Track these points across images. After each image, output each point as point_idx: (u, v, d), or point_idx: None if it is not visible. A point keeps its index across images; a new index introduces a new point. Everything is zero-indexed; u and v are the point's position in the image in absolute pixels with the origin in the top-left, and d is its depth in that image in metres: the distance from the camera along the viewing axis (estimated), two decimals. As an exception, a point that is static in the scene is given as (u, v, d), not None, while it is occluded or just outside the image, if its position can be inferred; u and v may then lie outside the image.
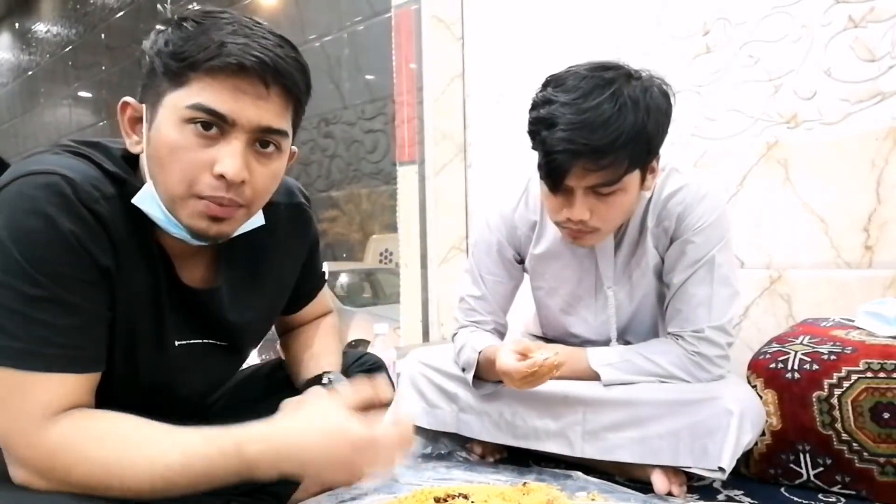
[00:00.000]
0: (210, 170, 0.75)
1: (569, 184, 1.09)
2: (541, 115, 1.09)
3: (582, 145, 1.04)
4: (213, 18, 0.76)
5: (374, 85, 4.66)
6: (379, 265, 6.82)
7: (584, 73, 1.09)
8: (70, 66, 9.40)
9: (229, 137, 0.75)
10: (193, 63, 0.73)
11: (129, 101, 0.79)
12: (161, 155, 0.75)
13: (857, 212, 1.55)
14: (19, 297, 0.69)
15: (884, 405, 1.13)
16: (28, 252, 0.69)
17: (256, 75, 0.74)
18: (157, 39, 0.76)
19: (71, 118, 9.66)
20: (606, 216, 1.13)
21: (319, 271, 1.15)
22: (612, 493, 1.16)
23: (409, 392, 1.39)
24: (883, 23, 1.51)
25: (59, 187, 0.71)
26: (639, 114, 1.05)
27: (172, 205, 0.77)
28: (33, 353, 0.69)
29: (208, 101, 0.73)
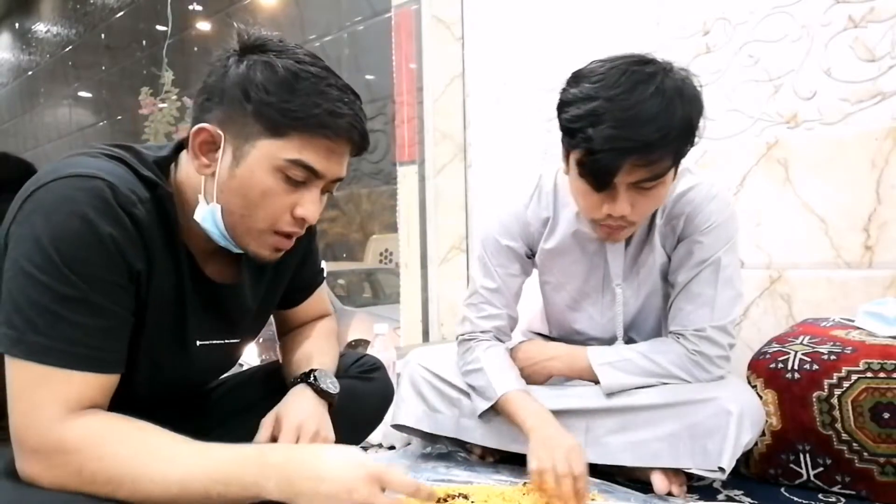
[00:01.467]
0: (291, 211, 0.83)
1: (615, 181, 1.06)
2: (582, 111, 1.04)
3: (634, 142, 1.01)
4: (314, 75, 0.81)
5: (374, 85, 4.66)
6: (379, 265, 6.82)
7: (622, 66, 1.05)
8: (70, 66, 9.39)
9: (311, 186, 0.83)
10: (301, 123, 0.79)
11: (208, 129, 0.82)
12: (250, 195, 0.81)
13: (857, 212, 1.55)
14: (52, 295, 0.70)
15: (884, 405, 1.13)
16: (65, 252, 0.71)
17: (353, 144, 0.84)
18: (252, 77, 0.79)
19: (71, 118, 9.66)
20: (645, 210, 1.12)
21: (317, 265, 1.16)
22: (613, 494, 1.16)
23: (409, 395, 1.39)
24: (883, 23, 1.51)
25: (100, 191, 0.73)
26: (685, 106, 1.04)
27: (245, 234, 0.84)
28: (59, 350, 0.71)
29: (309, 160, 0.81)
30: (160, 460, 0.72)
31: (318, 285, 1.17)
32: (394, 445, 1.50)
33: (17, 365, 0.71)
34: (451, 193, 2.44)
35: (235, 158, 0.81)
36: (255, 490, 0.73)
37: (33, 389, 0.71)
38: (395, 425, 1.38)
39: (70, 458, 0.70)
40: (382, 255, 6.94)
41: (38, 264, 0.71)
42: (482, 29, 2.35)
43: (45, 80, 10.22)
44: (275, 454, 0.76)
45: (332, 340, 1.16)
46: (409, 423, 1.37)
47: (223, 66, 0.82)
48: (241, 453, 0.75)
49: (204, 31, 6.89)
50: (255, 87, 0.79)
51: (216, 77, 0.83)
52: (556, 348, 1.35)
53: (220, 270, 0.92)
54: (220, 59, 0.84)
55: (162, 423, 0.76)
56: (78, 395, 0.72)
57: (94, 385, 0.74)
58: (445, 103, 2.44)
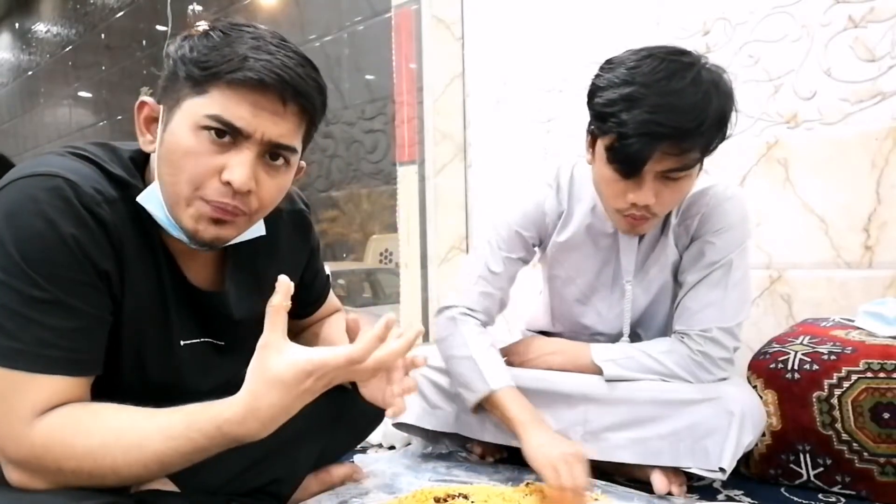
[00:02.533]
0: (218, 175, 0.77)
1: (645, 167, 1.05)
2: (617, 95, 1.04)
3: (669, 128, 1.01)
4: (240, 31, 0.78)
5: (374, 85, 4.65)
6: (379, 265, 6.81)
7: (661, 55, 1.05)
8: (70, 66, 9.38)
9: (241, 147, 0.77)
10: (216, 73, 0.75)
11: (147, 101, 0.80)
12: (173, 158, 0.77)
13: (857, 212, 1.55)
14: (20, 297, 0.69)
15: (884, 405, 1.13)
16: (29, 254, 0.70)
17: (275, 92, 0.76)
18: (183, 45, 0.78)
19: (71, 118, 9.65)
20: (669, 201, 1.12)
21: (323, 275, 1.17)
22: (614, 493, 1.16)
23: (409, 392, 1.39)
24: (883, 23, 1.51)
25: (61, 190, 0.71)
26: (721, 98, 1.04)
27: (176, 206, 0.78)
28: (31, 353, 0.70)
29: (227, 114, 0.75)
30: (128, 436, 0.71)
31: (328, 293, 1.19)
32: (394, 445, 1.50)
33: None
34: (451, 193, 2.44)
35: (164, 123, 0.79)
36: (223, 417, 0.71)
37: (4, 397, 0.70)
38: (396, 424, 1.38)
39: (45, 462, 0.70)
40: (382, 255, 6.94)
41: (2, 266, 0.69)
42: (482, 29, 2.35)
43: (45, 80, 10.20)
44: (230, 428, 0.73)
45: (343, 330, 1.16)
46: (409, 421, 1.37)
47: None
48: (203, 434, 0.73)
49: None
50: (183, 51, 0.77)
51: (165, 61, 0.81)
52: (557, 344, 1.35)
53: (203, 275, 0.89)
54: None
55: None
56: (49, 398, 0.71)
57: (68, 387, 0.73)
58: (445, 103, 2.44)
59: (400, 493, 1.14)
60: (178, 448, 0.71)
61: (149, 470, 0.72)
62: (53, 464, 0.70)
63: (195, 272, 0.88)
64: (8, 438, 0.70)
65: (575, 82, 2.04)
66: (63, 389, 0.72)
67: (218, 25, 0.79)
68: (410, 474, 1.27)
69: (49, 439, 0.70)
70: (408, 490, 1.15)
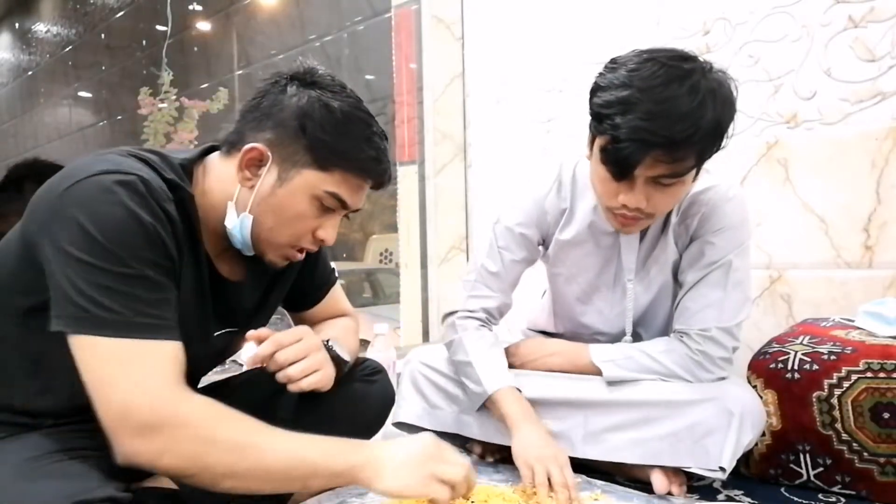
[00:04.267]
0: (314, 232, 0.93)
1: (636, 173, 1.05)
2: (614, 97, 1.04)
3: (660, 136, 1.00)
4: (362, 120, 0.91)
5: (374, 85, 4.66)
6: (379, 265, 6.81)
7: (662, 60, 1.04)
8: (70, 66, 9.38)
9: (335, 213, 0.93)
10: (348, 164, 0.89)
11: (259, 148, 0.89)
12: (284, 214, 0.90)
13: (857, 212, 1.55)
14: (108, 275, 0.73)
15: (884, 405, 1.13)
16: (112, 237, 0.74)
17: (379, 186, 0.95)
18: (308, 110, 0.88)
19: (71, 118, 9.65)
20: (661, 205, 1.11)
21: (326, 267, 1.18)
22: (614, 493, 1.16)
23: (409, 392, 1.39)
24: (883, 23, 1.51)
25: (136, 186, 0.77)
26: (717, 108, 1.03)
27: (265, 244, 0.92)
28: (129, 323, 0.73)
29: (344, 195, 0.91)
30: (277, 433, 0.76)
31: (331, 285, 1.20)
32: (394, 445, 1.49)
33: (95, 343, 0.72)
34: (451, 193, 2.44)
35: (280, 179, 0.89)
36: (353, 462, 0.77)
37: (130, 364, 0.73)
38: (396, 423, 1.38)
39: (195, 431, 0.73)
40: (382, 255, 6.94)
41: (86, 249, 0.73)
42: (482, 29, 2.35)
43: (45, 80, 10.21)
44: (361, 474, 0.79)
45: (349, 332, 1.17)
46: (409, 421, 1.37)
47: (280, 91, 0.90)
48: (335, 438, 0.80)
49: (204, 31, 6.89)
50: (313, 122, 0.88)
51: (271, 101, 0.90)
52: (557, 345, 1.35)
53: (229, 268, 0.97)
54: (274, 84, 0.91)
55: None
56: (171, 361, 0.75)
57: (174, 352, 0.77)
58: (445, 103, 2.44)
59: (400, 493, 1.14)
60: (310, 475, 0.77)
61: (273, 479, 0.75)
62: (200, 434, 0.73)
63: (222, 265, 0.96)
64: (143, 404, 0.72)
65: (575, 82, 2.04)
66: (173, 355, 0.76)
67: (335, 104, 0.89)
68: (410, 474, 1.26)
69: (205, 412, 0.74)
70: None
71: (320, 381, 0.96)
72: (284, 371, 0.93)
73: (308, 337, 0.97)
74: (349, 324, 1.20)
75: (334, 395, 1.10)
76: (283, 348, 0.93)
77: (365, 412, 1.16)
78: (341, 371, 1.04)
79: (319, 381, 0.96)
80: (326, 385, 0.98)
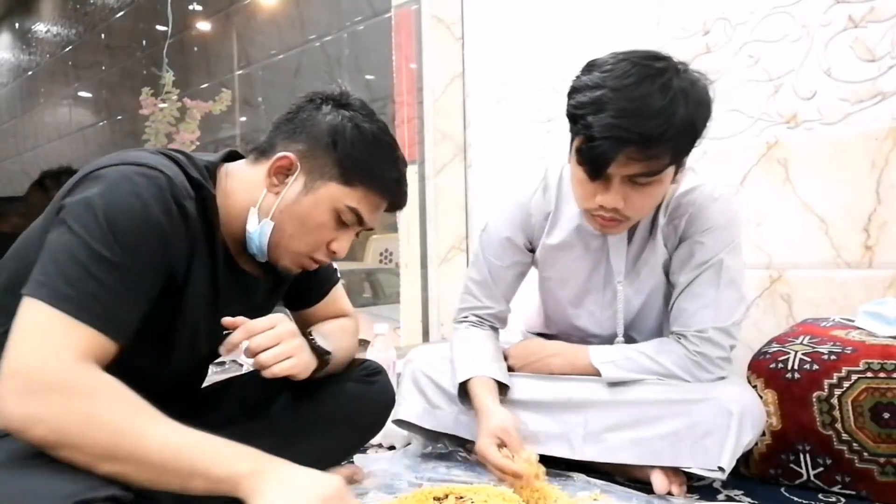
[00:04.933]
0: (328, 244, 0.97)
1: (610, 171, 1.06)
2: (587, 98, 1.06)
3: (632, 133, 1.01)
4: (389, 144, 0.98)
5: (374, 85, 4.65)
6: (379, 265, 6.81)
7: (634, 60, 1.06)
8: (70, 66, 9.38)
9: (351, 228, 0.98)
10: (370, 181, 0.95)
11: (290, 157, 0.94)
12: (306, 223, 0.95)
13: (857, 212, 1.55)
14: (91, 254, 0.75)
15: (884, 405, 1.13)
16: (113, 221, 0.77)
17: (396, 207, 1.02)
18: (340, 128, 0.94)
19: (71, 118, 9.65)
20: (639, 206, 1.12)
21: (329, 266, 1.19)
22: (614, 493, 1.16)
23: (409, 391, 1.39)
24: (883, 23, 1.51)
25: (158, 180, 0.81)
26: (689, 106, 1.04)
27: (284, 251, 0.96)
28: (79, 303, 0.74)
29: (364, 212, 0.96)
30: (163, 422, 0.74)
31: (333, 284, 1.21)
32: (394, 445, 1.50)
33: (35, 306, 0.73)
34: (451, 193, 2.44)
35: (306, 188, 0.94)
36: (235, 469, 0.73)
37: (49, 331, 0.73)
38: (396, 421, 1.38)
39: (80, 401, 0.71)
40: (382, 255, 6.93)
41: (85, 226, 0.76)
42: (482, 29, 2.35)
43: (45, 80, 10.20)
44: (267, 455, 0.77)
45: (345, 331, 1.18)
46: (409, 419, 1.37)
47: (314, 108, 0.97)
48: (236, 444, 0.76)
49: (204, 31, 6.88)
50: (344, 140, 0.94)
51: (307, 115, 0.96)
52: (556, 346, 1.35)
53: (250, 266, 1.01)
54: (310, 102, 0.98)
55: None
56: (89, 347, 0.75)
57: (100, 345, 0.76)
58: (445, 103, 2.44)
59: (400, 493, 1.14)
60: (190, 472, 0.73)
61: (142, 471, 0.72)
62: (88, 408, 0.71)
63: (245, 263, 1.00)
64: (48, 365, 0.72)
65: (575, 82, 2.04)
66: (97, 344, 0.76)
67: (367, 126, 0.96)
68: (410, 474, 1.27)
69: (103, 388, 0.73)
70: (408, 490, 1.15)
71: (293, 368, 0.96)
72: (257, 357, 0.94)
73: (282, 324, 0.98)
74: (347, 324, 1.20)
75: (334, 396, 1.11)
76: (255, 335, 0.94)
77: (364, 413, 1.16)
78: (324, 362, 1.04)
79: (292, 367, 0.96)
80: (301, 372, 0.98)
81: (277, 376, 0.95)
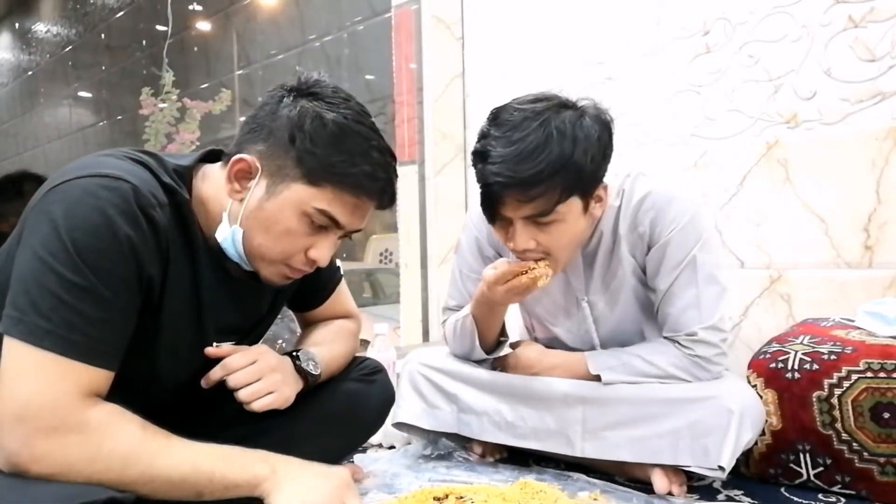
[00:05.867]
0: (306, 251, 0.89)
1: (506, 214, 1.11)
2: (477, 148, 1.13)
3: (509, 177, 1.06)
4: (360, 134, 0.86)
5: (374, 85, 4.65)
6: (379, 265, 6.81)
7: (517, 105, 1.11)
8: (70, 66, 9.37)
9: (329, 233, 0.89)
10: (336, 177, 0.85)
11: (247, 160, 0.87)
12: (273, 229, 0.87)
13: (857, 212, 1.55)
14: (59, 280, 0.72)
15: (884, 405, 1.13)
16: (80, 242, 0.73)
17: (377, 202, 0.90)
18: (300, 121, 0.84)
19: (71, 118, 9.64)
20: (551, 245, 1.14)
21: (332, 265, 1.17)
22: (614, 493, 1.16)
23: (408, 392, 1.39)
24: (883, 23, 1.51)
25: (124, 192, 0.76)
26: (564, 144, 1.06)
27: (257, 260, 0.89)
28: (58, 335, 0.72)
29: (335, 212, 0.86)
30: (174, 442, 0.76)
31: (336, 284, 1.20)
32: (394, 445, 1.50)
33: (15, 347, 0.72)
34: (451, 193, 2.44)
35: (268, 193, 0.86)
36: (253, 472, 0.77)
37: (36, 374, 0.72)
38: (395, 423, 1.38)
39: (89, 438, 0.72)
40: (382, 255, 6.93)
41: (51, 250, 0.73)
42: (482, 29, 2.35)
43: (45, 80, 10.20)
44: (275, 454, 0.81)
45: (341, 336, 1.17)
46: (408, 421, 1.37)
47: (276, 102, 0.87)
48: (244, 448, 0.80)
49: (204, 31, 6.88)
50: (303, 134, 0.84)
51: (267, 112, 0.88)
52: (554, 357, 1.34)
53: (241, 269, 0.96)
54: (274, 94, 0.89)
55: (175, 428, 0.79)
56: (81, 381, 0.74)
57: (89, 375, 0.75)
58: (445, 103, 2.44)
59: (400, 493, 1.14)
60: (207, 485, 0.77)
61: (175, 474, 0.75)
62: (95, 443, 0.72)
63: (236, 268, 0.94)
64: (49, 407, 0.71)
65: (575, 82, 2.04)
66: (86, 375, 0.75)
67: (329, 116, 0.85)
68: (410, 474, 1.27)
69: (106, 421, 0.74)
70: (408, 490, 1.15)
71: (273, 403, 0.94)
72: (236, 394, 0.92)
73: (263, 358, 0.95)
74: (346, 326, 1.20)
75: (334, 395, 1.10)
76: (234, 372, 0.92)
77: (365, 412, 1.16)
78: (308, 384, 1.02)
79: (272, 402, 0.94)
80: (282, 405, 0.96)
81: (258, 412, 0.93)
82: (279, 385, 0.95)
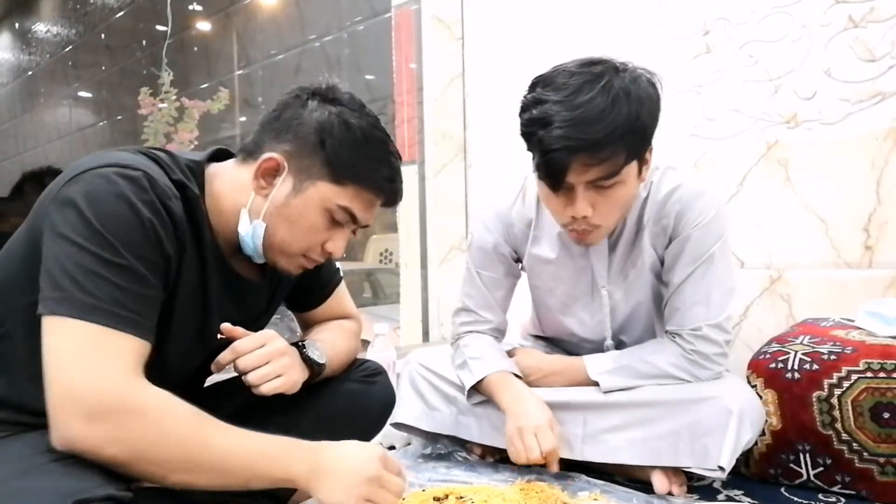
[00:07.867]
0: (323, 244, 0.96)
1: (569, 180, 1.08)
2: (534, 115, 1.09)
3: (580, 140, 1.04)
4: (380, 140, 0.95)
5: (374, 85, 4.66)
6: (379, 265, 6.82)
7: (572, 69, 1.09)
8: (70, 66, 9.38)
9: (346, 227, 0.97)
10: (360, 180, 0.93)
11: (277, 158, 0.92)
12: (297, 224, 0.93)
13: (857, 212, 1.55)
14: (97, 260, 0.74)
15: (884, 405, 1.13)
16: (108, 225, 0.76)
17: (390, 203, 1.00)
18: (328, 126, 0.91)
19: (71, 118, 9.65)
20: (608, 211, 1.13)
21: (331, 266, 1.19)
22: (614, 494, 1.16)
23: (408, 393, 1.39)
24: (883, 23, 1.51)
25: (141, 182, 0.79)
26: (632, 104, 1.05)
27: (277, 252, 0.94)
28: (105, 310, 0.74)
29: (356, 210, 0.94)
30: (225, 429, 0.77)
31: (336, 284, 1.20)
32: (394, 445, 1.50)
33: (63, 324, 0.72)
34: (451, 193, 2.44)
35: (294, 190, 0.92)
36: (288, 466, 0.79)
37: (90, 349, 0.72)
38: (395, 424, 1.38)
39: (144, 420, 0.73)
40: (382, 255, 6.94)
41: (81, 232, 0.75)
42: (482, 29, 2.35)
43: (45, 80, 10.20)
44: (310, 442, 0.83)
45: (343, 334, 1.17)
46: (407, 422, 1.37)
47: (300, 105, 0.93)
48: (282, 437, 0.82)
49: (204, 31, 6.89)
50: (332, 138, 0.91)
51: (291, 115, 0.93)
52: (553, 362, 1.34)
53: (246, 268, 0.99)
54: (296, 98, 0.94)
55: None
56: (133, 356, 0.75)
57: (140, 350, 0.77)
58: (445, 103, 2.44)
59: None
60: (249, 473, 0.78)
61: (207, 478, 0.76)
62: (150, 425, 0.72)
63: (240, 265, 0.98)
64: (98, 388, 0.71)
65: (575, 82, 2.04)
66: (137, 349, 0.76)
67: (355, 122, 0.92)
68: (410, 474, 1.27)
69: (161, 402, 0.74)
70: (408, 490, 1.15)
71: (282, 386, 0.95)
72: (245, 377, 0.93)
73: (272, 342, 0.96)
74: (347, 325, 1.20)
75: (334, 396, 1.10)
76: (243, 355, 0.93)
77: (365, 413, 1.16)
78: (315, 373, 1.03)
79: (280, 386, 0.94)
80: (290, 389, 0.97)
81: (266, 395, 0.94)
82: (287, 369, 0.96)
